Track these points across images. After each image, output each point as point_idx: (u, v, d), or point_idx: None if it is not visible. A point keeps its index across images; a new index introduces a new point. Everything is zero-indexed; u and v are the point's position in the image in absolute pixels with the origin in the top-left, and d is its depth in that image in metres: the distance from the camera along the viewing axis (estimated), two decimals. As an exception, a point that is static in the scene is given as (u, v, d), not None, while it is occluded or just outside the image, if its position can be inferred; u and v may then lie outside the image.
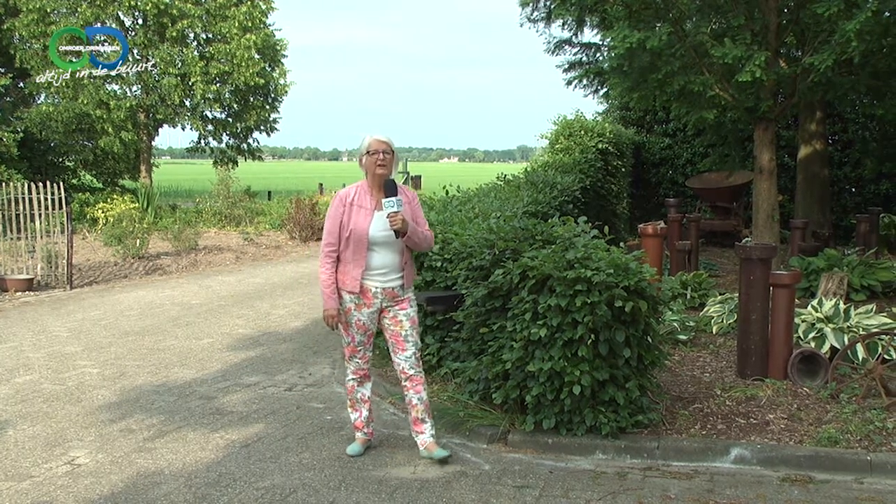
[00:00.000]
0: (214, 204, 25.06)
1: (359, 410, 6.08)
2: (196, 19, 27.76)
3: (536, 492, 5.33)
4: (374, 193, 5.71)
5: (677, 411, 6.57)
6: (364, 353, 5.94)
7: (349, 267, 5.68)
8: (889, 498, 5.28)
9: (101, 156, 27.69)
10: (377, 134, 5.73)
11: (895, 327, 8.34)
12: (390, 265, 5.73)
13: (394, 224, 5.53)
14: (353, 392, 6.05)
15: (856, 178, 19.82)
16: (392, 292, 5.76)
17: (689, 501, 5.19)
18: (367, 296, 5.71)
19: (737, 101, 10.85)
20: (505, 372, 6.16)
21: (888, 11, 10.25)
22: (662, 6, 10.59)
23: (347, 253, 5.68)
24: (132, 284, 14.31)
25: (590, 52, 15.34)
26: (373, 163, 5.64)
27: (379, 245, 5.66)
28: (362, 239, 5.61)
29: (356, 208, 5.67)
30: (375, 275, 5.69)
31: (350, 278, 5.67)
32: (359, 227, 5.62)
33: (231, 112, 30.71)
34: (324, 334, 10.10)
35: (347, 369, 6.06)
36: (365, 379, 6.06)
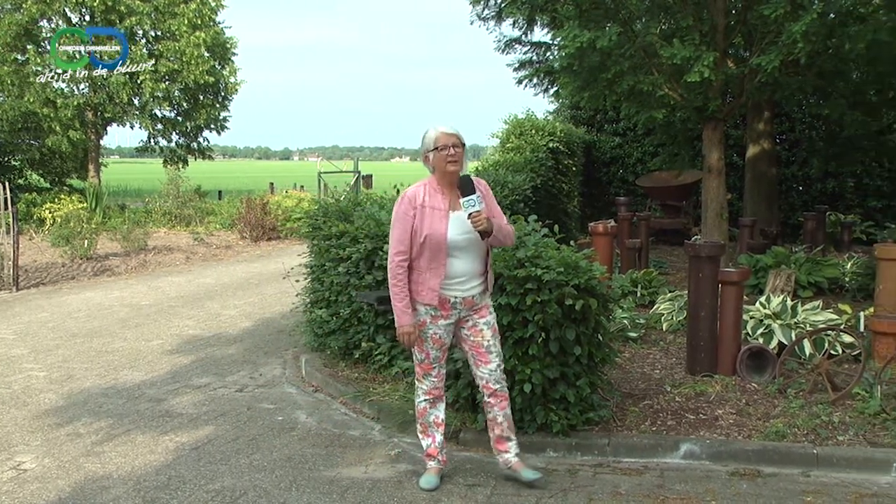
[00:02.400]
0: (164, 204, 24.81)
1: (432, 436, 5.47)
2: (144, 16, 27.40)
3: (488, 490, 5.34)
4: (445, 192, 5.12)
5: (628, 408, 6.62)
6: (439, 371, 5.38)
7: (425, 276, 5.09)
8: (834, 490, 5.37)
9: (47, 155, 27.29)
10: (442, 126, 5.15)
11: (841, 323, 8.47)
12: (471, 271, 5.17)
13: (478, 225, 4.95)
14: (426, 415, 5.44)
15: (803, 176, 20.08)
16: (471, 301, 5.21)
17: (640, 497, 5.23)
18: (446, 307, 5.16)
19: (686, 101, 10.95)
20: (456, 371, 6.16)
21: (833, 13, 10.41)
22: (612, 6, 10.66)
23: (422, 261, 5.08)
24: (80, 286, 14.12)
25: (540, 51, 15.39)
26: (442, 159, 5.05)
27: (459, 250, 5.09)
28: (440, 245, 5.02)
29: (429, 210, 5.06)
30: (455, 283, 5.13)
31: (427, 289, 5.09)
32: (435, 231, 5.01)
33: (181, 111, 30.36)
34: (275, 335, 10.05)
35: (418, 390, 5.43)
36: (438, 400, 5.45)
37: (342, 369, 8.07)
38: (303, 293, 9.23)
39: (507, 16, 13.52)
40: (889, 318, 7.96)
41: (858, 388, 6.92)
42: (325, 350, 8.53)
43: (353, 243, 8.01)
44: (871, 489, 5.42)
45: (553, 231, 6.46)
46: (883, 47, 10.33)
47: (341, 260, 8.14)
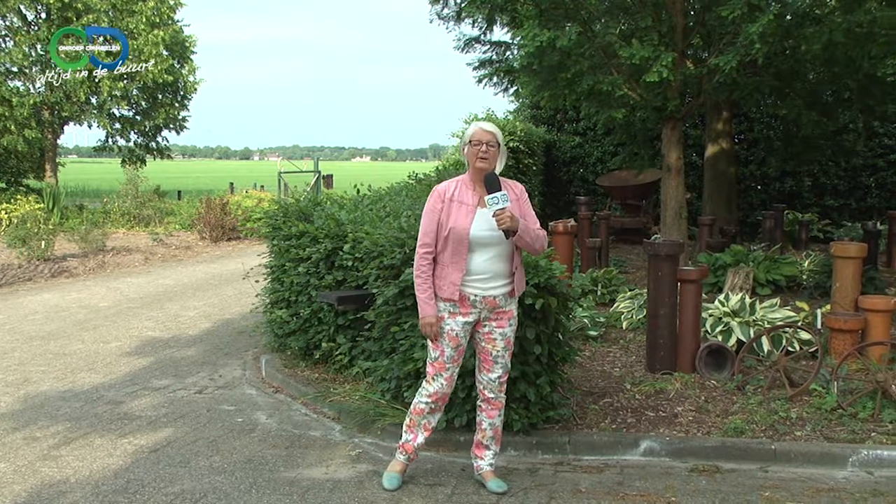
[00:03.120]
0: (123, 204, 24.60)
1: (415, 434, 5.38)
2: (102, 14, 27.11)
3: (448, 489, 5.34)
4: (476, 189, 5.08)
5: (588, 406, 6.64)
6: (451, 374, 5.22)
7: (447, 271, 5.04)
8: (792, 485, 5.44)
9: (3, 155, 26.98)
10: (484, 123, 5.13)
11: (798, 321, 8.57)
12: (494, 270, 5.07)
13: (501, 223, 4.86)
14: (421, 416, 5.33)
15: (761, 175, 20.26)
16: (493, 302, 5.10)
17: (600, 495, 5.25)
18: (465, 304, 5.07)
19: (645, 101, 11.02)
20: (416, 370, 6.15)
21: (789, 15, 10.52)
22: (572, 6, 10.69)
23: (445, 255, 5.04)
24: (37, 287, 13.97)
25: (500, 50, 15.35)
26: (474, 154, 5.02)
27: (482, 246, 5.02)
28: (462, 239, 4.97)
29: (456, 204, 5.04)
30: (475, 280, 5.04)
31: (448, 283, 5.03)
32: (459, 225, 4.97)
33: (139, 110, 30.12)
34: (234, 336, 9.99)
35: (423, 390, 5.30)
36: (438, 409, 5.35)
37: (302, 370, 8.05)
38: (263, 293, 9.18)
39: (467, 15, 13.49)
40: (845, 316, 8.07)
41: (815, 384, 7.01)
42: (286, 351, 8.50)
43: (313, 243, 7.99)
44: (828, 483, 5.49)
45: (513, 230, 6.46)
46: (838, 48, 10.44)
47: (301, 260, 8.11)
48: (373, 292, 6.89)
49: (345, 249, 7.49)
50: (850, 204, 20.01)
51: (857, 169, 19.83)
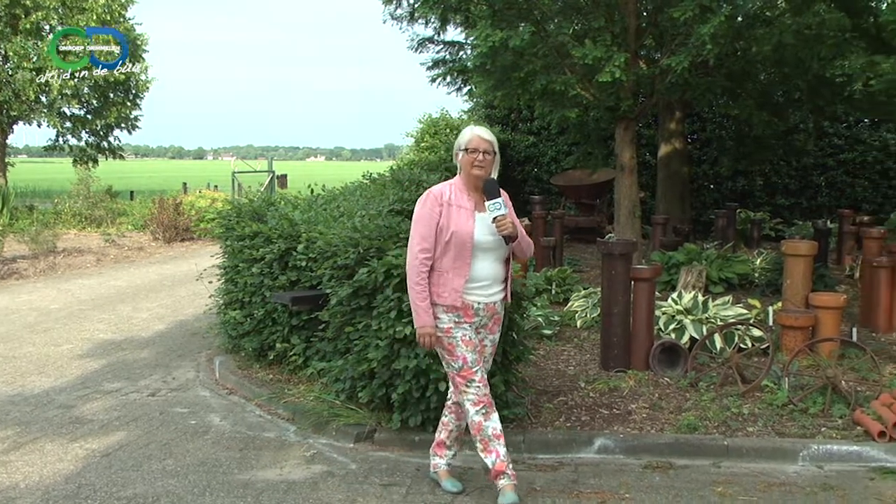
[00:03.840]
0: (74, 204, 24.26)
1: (494, 451, 4.95)
2: (52, 11, 26.75)
3: (403, 489, 5.33)
4: (470, 194, 4.98)
5: (542, 405, 6.67)
6: (482, 376, 4.96)
7: (447, 277, 4.88)
8: (744, 480, 5.50)
9: (-49, 155, 26.58)
10: (480, 130, 5.07)
11: (750, 318, 8.66)
12: (494, 276, 5.00)
13: (503, 229, 4.80)
14: (483, 430, 4.94)
15: (714, 175, 20.44)
16: (493, 308, 5.05)
17: (555, 493, 5.27)
18: (468, 313, 4.95)
19: (598, 101, 11.08)
20: (371, 370, 6.14)
21: (740, 16, 10.64)
22: (525, 6, 10.72)
23: (446, 260, 4.88)
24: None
25: (453, 50, 15.37)
26: (469, 162, 4.93)
27: (484, 251, 4.92)
28: (466, 243, 4.84)
29: (455, 208, 4.89)
30: (478, 287, 4.94)
31: (449, 290, 4.87)
32: (461, 229, 4.84)
33: (90, 108, 29.74)
34: (188, 337, 9.91)
35: (465, 403, 4.97)
36: (490, 409, 4.97)
37: (256, 371, 8.01)
38: (216, 294, 9.11)
39: (420, 16, 13.49)
40: (796, 313, 8.18)
41: (767, 380, 7.10)
42: (240, 352, 8.45)
43: (267, 244, 7.95)
44: (780, 478, 5.57)
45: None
46: (788, 50, 10.59)
47: (255, 260, 8.07)
48: (327, 292, 6.87)
49: (299, 250, 7.46)
50: (801, 203, 20.27)
51: (807, 168, 20.09)
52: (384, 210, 8.09)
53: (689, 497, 5.22)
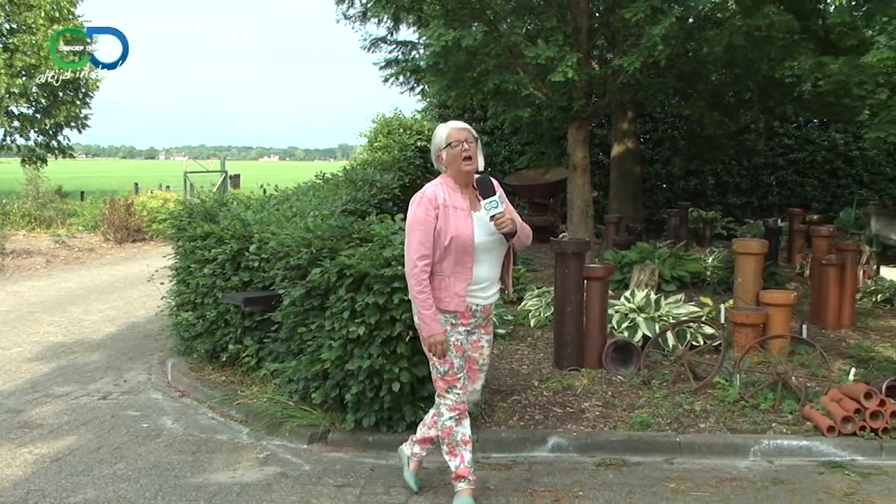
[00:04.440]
0: (23, 205, 23.85)
1: (459, 455, 4.93)
2: (0, 7, 26.46)
3: (357, 490, 5.33)
4: (463, 191, 4.82)
5: (496, 404, 6.68)
6: (463, 382, 4.87)
7: (449, 282, 4.72)
8: (697, 476, 5.57)
9: None
10: (453, 122, 4.87)
11: (702, 316, 8.73)
12: (493, 276, 4.89)
13: (502, 227, 4.66)
14: (452, 434, 4.91)
15: (666, 174, 20.61)
16: (489, 309, 4.96)
17: (508, 492, 5.29)
18: (467, 315, 4.82)
19: (551, 101, 11.11)
20: (324, 371, 6.12)
21: (691, 18, 10.74)
22: (478, 6, 10.73)
23: (446, 265, 4.71)
24: (-68, 291, 13.54)
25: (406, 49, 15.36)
26: (457, 156, 4.73)
27: (485, 253, 4.78)
28: (467, 247, 4.69)
29: (452, 210, 4.70)
30: (478, 289, 4.81)
31: (451, 295, 4.73)
32: (461, 232, 4.67)
33: (39, 107, 29.37)
34: (140, 339, 9.81)
35: (441, 406, 4.92)
36: (464, 416, 4.93)
37: (209, 373, 7.95)
38: (168, 296, 9.03)
39: (373, 15, 13.46)
40: (747, 310, 8.27)
41: (719, 377, 7.17)
42: (192, 354, 8.39)
43: (219, 244, 7.90)
44: (731, 473, 5.65)
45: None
46: (738, 51, 10.71)
47: (207, 261, 8.02)
48: (279, 293, 6.83)
49: (251, 250, 7.42)
50: (752, 202, 20.51)
51: (758, 168, 20.34)
52: (337, 210, 8.09)
53: (642, 493, 5.26)
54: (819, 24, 12.13)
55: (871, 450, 5.97)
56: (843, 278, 9.73)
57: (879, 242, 13.58)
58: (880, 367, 7.76)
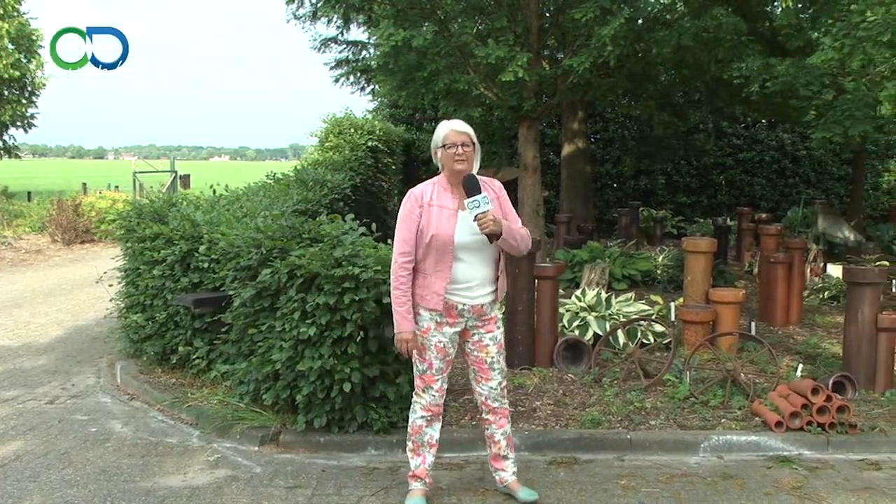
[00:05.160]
0: (-32, 207, 23.56)
1: (422, 455, 5.02)
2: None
3: (309, 491, 5.30)
4: (454, 191, 4.79)
5: (448, 403, 6.64)
6: (441, 385, 4.92)
7: (430, 280, 4.73)
8: (647, 472, 5.62)
9: None
10: (454, 123, 4.84)
11: (653, 314, 8.81)
12: (480, 277, 4.81)
13: (484, 227, 4.57)
14: (420, 433, 4.99)
15: (617, 174, 20.79)
16: (480, 309, 4.86)
17: (461, 491, 5.29)
18: (452, 314, 4.80)
19: (501, 101, 11.14)
20: (275, 372, 6.09)
21: (640, 19, 10.82)
22: (428, 6, 10.74)
23: (427, 263, 4.73)
24: None
25: (356, 49, 15.33)
26: (449, 157, 4.72)
27: (467, 252, 4.74)
28: (447, 246, 4.68)
29: (436, 209, 4.72)
30: (461, 289, 4.76)
31: (431, 293, 4.73)
32: (442, 231, 4.67)
33: (-17, 106, 28.97)
34: (88, 342, 9.68)
35: (415, 405, 4.99)
36: (436, 419, 4.99)
37: (159, 375, 7.86)
38: (117, 298, 8.92)
39: (322, 15, 13.39)
40: (696, 308, 8.35)
41: (669, 374, 7.24)
42: (142, 356, 8.29)
43: (169, 245, 7.83)
44: (682, 469, 5.71)
45: (370, 229, 6.46)
46: (687, 52, 10.80)
47: (156, 262, 7.94)
48: (230, 294, 6.78)
49: (201, 251, 7.36)
50: (701, 201, 20.76)
51: (707, 167, 20.60)
52: (288, 210, 8.03)
53: (593, 491, 5.29)
54: (766, 26, 12.33)
55: (818, 444, 6.06)
56: (791, 276, 9.88)
57: (826, 241, 13.78)
58: (827, 363, 7.89)
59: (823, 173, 20.98)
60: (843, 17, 7.83)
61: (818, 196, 19.97)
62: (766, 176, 20.80)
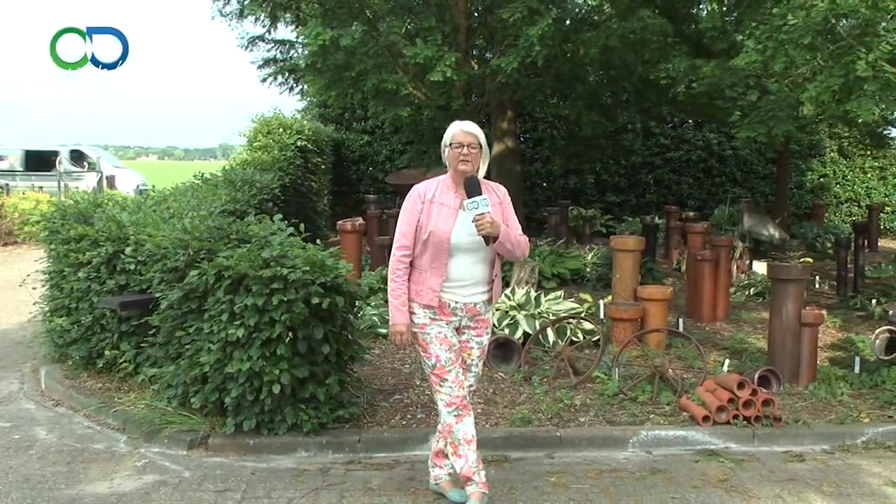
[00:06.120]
0: None
1: (463, 455, 4.82)
2: None
3: (238, 495, 5.26)
4: (458, 191, 4.80)
5: (378, 404, 6.68)
6: (457, 376, 4.79)
7: (426, 276, 4.75)
8: (577, 469, 5.70)
9: None
10: (465, 124, 4.83)
11: (582, 312, 8.87)
12: (474, 277, 4.81)
13: (481, 228, 4.57)
14: (453, 433, 4.82)
15: (546, 173, 20.91)
16: (474, 309, 4.85)
17: (391, 491, 5.30)
18: (445, 311, 4.79)
19: (430, 100, 11.15)
20: (203, 375, 6.03)
21: (568, 20, 10.91)
22: (356, 5, 10.70)
23: (424, 259, 4.75)
24: None
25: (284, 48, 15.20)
26: (455, 157, 4.74)
27: (463, 252, 4.74)
28: (443, 244, 4.69)
29: (437, 206, 4.75)
30: (455, 287, 4.77)
31: (427, 289, 4.74)
32: (439, 228, 4.69)
33: None
34: (11, 347, 9.47)
35: (438, 402, 4.87)
36: (464, 411, 4.82)
37: (85, 380, 7.72)
38: (41, 301, 8.75)
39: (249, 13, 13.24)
40: (625, 305, 8.44)
41: (598, 371, 7.32)
42: (67, 361, 8.13)
43: (94, 247, 7.69)
44: (611, 465, 5.79)
45: (299, 230, 6.42)
46: (615, 53, 10.92)
47: (81, 265, 7.78)
48: (157, 296, 6.69)
49: (127, 252, 7.24)
50: (630, 200, 20.97)
51: (636, 167, 20.81)
52: (216, 211, 7.96)
53: (524, 489, 5.33)
54: (692, 28, 12.52)
55: (744, 437, 6.19)
56: (718, 273, 10.03)
57: (752, 238, 14.01)
58: (753, 358, 8.04)
59: (749, 172, 21.33)
60: (766, 20, 7.97)
61: (744, 195, 20.29)
62: (693, 175, 21.09)
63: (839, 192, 22.16)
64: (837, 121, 13.32)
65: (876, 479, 5.61)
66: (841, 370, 7.73)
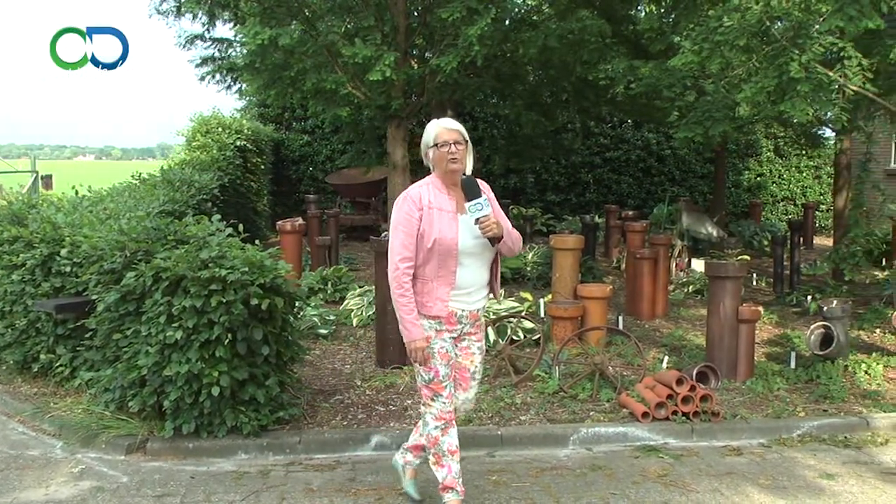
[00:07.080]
0: None
1: (446, 465, 4.71)
2: None
3: (178, 499, 5.20)
4: (451, 193, 4.59)
5: (319, 404, 6.65)
6: (449, 390, 4.64)
7: (432, 286, 4.51)
8: (517, 467, 5.72)
9: None
10: (445, 121, 4.67)
11: (522, 310, 8.92)
12: (478, 282, 4.64)
13: (487, 231, 4.42)
14: (438, 444, 4.69)
15: (486, 173, 20.89)
16: (475, 315, 4.70)
17: (332, 492, 5.28)
18: (452, 321, 4.59)
19: (369, 100, 11.11)
20: (141, 378, 5.95)
21: (507, 20, 10.95)
22: (295, 4, 10.64)
23: (429, 269, 4.49)
24: None
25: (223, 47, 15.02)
26: (443, 157, 4.52)
27: (470, 257, 4.54)
28: (451, 251, 4.46)
29: (436, 212, 4.49)
30: (462, 294, 4.57)
31: (434, 300, 4.51)
32: (445, 235, 4.44)
33: None
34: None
35: (427, 415, 4.69)
36: (450, 425, 4.68)
37: (19, 385, 7.58)
38: (-27, 305, 8.57)
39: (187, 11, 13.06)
40: (565, 304, 8.50)
41: (539, 370, 7.37)
42: (1, 366, 7.99)
43: (28, 249, 7.56)
44: (552, 462, 5.84)
45: (238, 230, 6.38)
46: (554, 53, 10.97)
47: (15, 267, 7.64)
48: (93, 299, 6.59)
49: (62, 254, 7.13)
50: (570, 199, 21.11)
51: (576, 166, 20.96)
52: (153, 211, 7.88)
53: (466, 487, 5.30)
54: (630, 29, 12.65)
55: (683, 433, 6.27)
56: (657, 271, 10.15)
57: (690, 236, 14.18)
58: (691, 355, 8.14)
59: (687, 172, 21.60)
60: (703, 21, 8.05)
61: (683, 194, 20.54)
62: (632, 174, 21.30)
63: (775, 191, 22.54)
64: (773, 121, 13.53)
65: (811, 472, 5.72)
66: (777, 365, 7.86)
